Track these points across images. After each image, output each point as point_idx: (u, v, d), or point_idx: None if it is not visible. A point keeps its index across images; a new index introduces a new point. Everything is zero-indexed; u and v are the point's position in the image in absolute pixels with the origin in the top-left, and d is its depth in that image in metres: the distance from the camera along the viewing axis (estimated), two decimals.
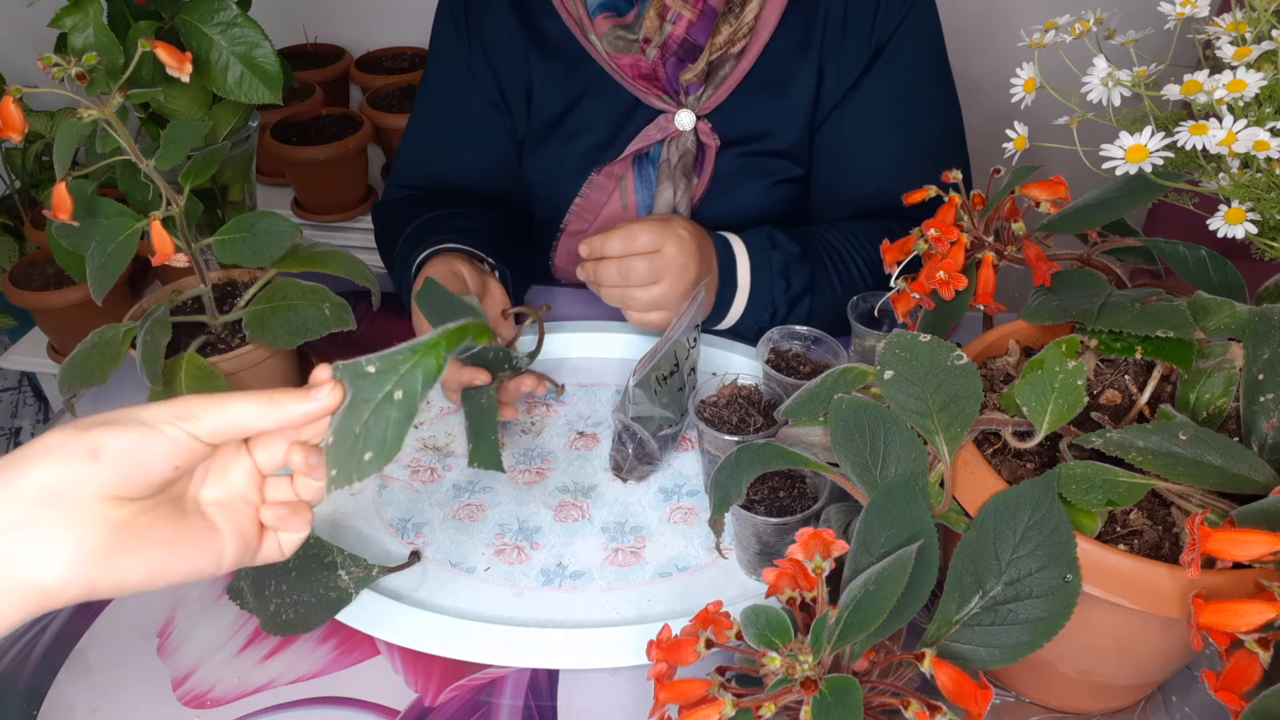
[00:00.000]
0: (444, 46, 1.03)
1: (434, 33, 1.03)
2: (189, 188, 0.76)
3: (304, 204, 1.61)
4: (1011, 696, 0.62)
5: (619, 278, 0.82)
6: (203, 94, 0.86)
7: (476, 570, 0.72)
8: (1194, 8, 0.57)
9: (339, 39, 1.87)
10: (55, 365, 1.46)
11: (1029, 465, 0.58)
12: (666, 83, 0.94)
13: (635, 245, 0.81)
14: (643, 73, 0.94)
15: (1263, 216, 0.52)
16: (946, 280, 0.63)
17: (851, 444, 0.56)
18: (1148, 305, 0.55)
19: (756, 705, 0.44)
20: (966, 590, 0.50)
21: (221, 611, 0.70)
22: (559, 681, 0.65)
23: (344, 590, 0.67)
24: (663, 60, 0.92)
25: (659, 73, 0.93)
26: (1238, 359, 0.55)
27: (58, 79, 0.69)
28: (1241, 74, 0.51)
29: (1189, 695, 0.63)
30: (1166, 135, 0.53)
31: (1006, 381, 0.61)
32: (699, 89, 0.94)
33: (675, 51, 0.92)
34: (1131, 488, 0.51)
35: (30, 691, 0.65)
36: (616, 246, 0.81)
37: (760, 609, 0.47)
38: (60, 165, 0.70)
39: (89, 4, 0.78)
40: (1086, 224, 0.62)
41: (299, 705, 0.64)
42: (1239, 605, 0.44)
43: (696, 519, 0.77)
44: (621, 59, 0.93)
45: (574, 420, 0.87)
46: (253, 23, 0.83)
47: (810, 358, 0.81)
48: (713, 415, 0.75)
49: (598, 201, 1.00)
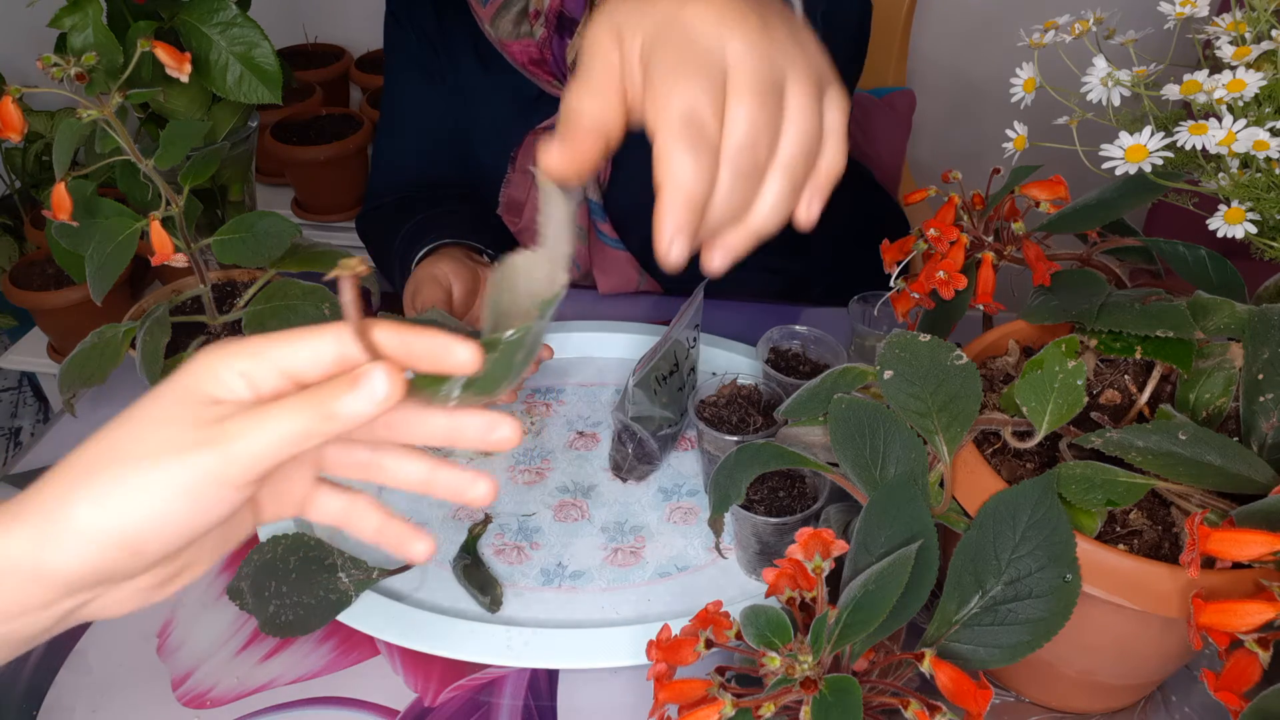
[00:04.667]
0: (393, 47, 1.04)
1: (385, 38, 1.05)
2: (188, 188, 0.76)
3: (304, 204, 1.61)
4: (1011, 696, 0.62)
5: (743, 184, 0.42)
6: (202, 94, 0.86)
7: None
8: (1194, 8, 0.57)
9: (339, 39, 1.87)
10: (55, 365, 1.46)
11: (1029, 465, 0.58)
12: (554, 65, 0.94)
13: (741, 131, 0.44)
14: (533, 58, 0.93)
15: (1262, 216, 0.52)
16: (946, 280, 0.63)
17: (851, 444, 0.56)
18: (1147, 305, 0.55)
19: (756, 705, 0.44)
20: (966, 590, 0.50)
21: (221, 612, 0.70)
22: (559, 681, 0.65)
23: (344, 593, 0.67)
24: (548, 39, 0.92)
25: (546, 55, 0.93)
26: (1237, 359, 0.55)
27: (57, 79, 0.69)
28: (1241, 74, 0.51)
29: (1189, 695, 0.62)
30: (1166, 135, 0.53)
31: (1006, 381, 0.61)
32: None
33: (555, 25, 0.91)
34: (1131, 488, 0.51)
35: (30, 691, 0.65)
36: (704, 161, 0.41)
37: (760, 609, 0.47)
38: (60, 165, 0.70)
39: (88, 4, 0.78)
40: (1086, 224, 0.62)
41: (299, 705, 0.64)
42: (1238, 605, 0.44)
43: (696, 519, 0.77)
44: (513, 45, 0.93)
45: (574, 420, 0.87)
46: (252, 23, 0.83)
47: (810, 357, 0.81)
48: (712, 415, 0.75)
49: (517, 199, 1.00)
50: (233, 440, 0.36)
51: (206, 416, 0.37)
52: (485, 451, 0.83)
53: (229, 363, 0.38)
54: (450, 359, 0.39)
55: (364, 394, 0.37)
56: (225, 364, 0.38)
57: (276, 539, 0.69)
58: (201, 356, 0.39)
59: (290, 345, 0.39)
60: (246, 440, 0.36)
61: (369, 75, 1.74)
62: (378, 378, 0.37)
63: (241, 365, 0.38)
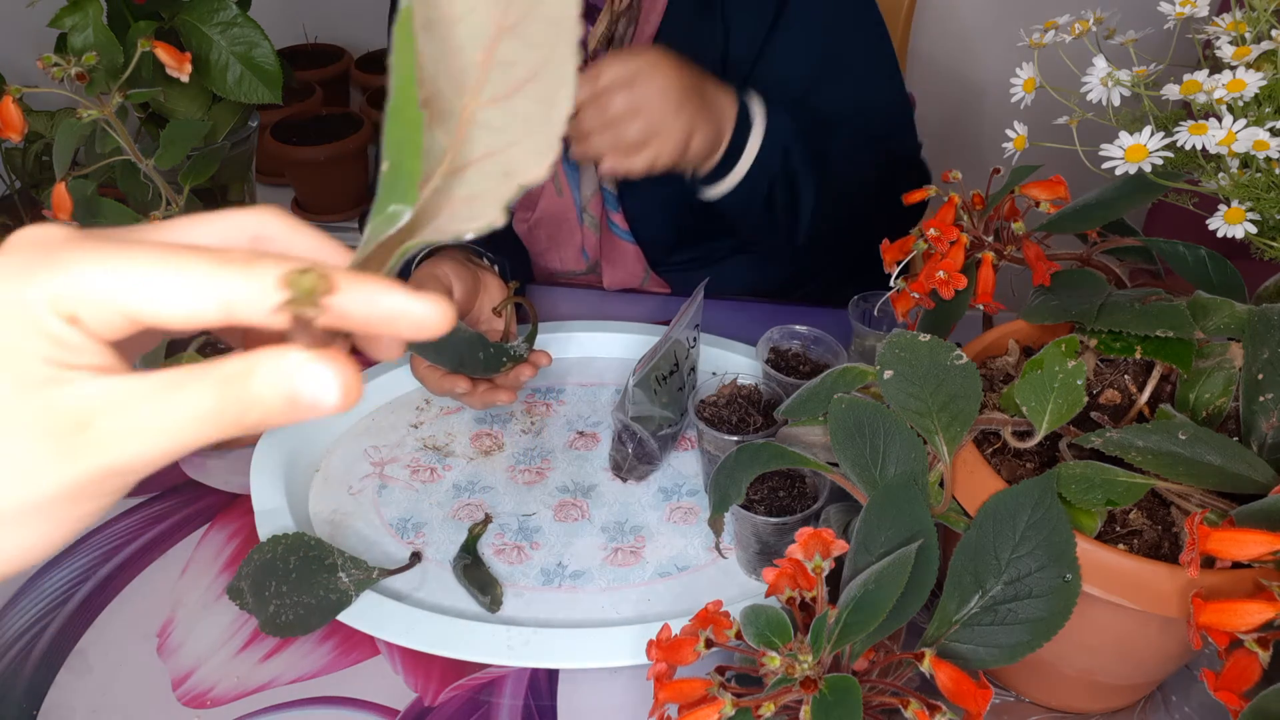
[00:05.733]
0: None
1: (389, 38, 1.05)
2: (188, 187, 0.76)
3: (304, 204, 1.61)
4: (1011, 696, 0.62)
5: (599, 117, 0.76)
6: (202, 94, 0.86)
7: None
8: (1194, 7, 0.57)
9: (339, 39, 1.87)
10: None
11: (1029, 465, 0.58)
12: None
13: (603, 81, 0.76)
14: None
15: (1262, 216, 0.52)
16: (946, 280, 0.63)
17: (851, 444, 0.56)
18: (1147, 305, 0.55)
19: (756, 705, 0.44)
20: (966, 590, 0.50)
21: (221, 612, 0.70)
22: (559, 681, 0.65)
23: (344, 592, 0.67)
24: None
25: None
26: (1237, 359, 0.55)
27: (58, 79, 0.69)
28: (1241, 74, 0.51)
29: (1189, 695, 0.62)
30: (1166, 135, 0.53)
31: (1006, 381, 0.61)
32: (604, 55, 0.93)
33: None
34: (1131, 487, 0.51)
35: (30, 691, 0.65)
36: (585, 91, 0.75)
37: (760, 609, 0.47)
38: (60, 165, 0.70)
39: (89, 4, 0.78)
40: (1086, 224, 0.62)
41: (299, 705, 0.64)
42: (1238, 605, 0.44)
43: (696, 519, 0.77)
44: None
45: (574, 420, 0.87)
46: (252, 22, 0.83)
47: (810, 357, 0.81)
48: (712, 415, 0.75)
49: (533, 192, 1.00)
50: (110, 457, 0.26)
51: (56, 412, 0.26)
52: (485, 451, 0.83)
53: (47, 296, 0.26)
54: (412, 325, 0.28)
55: (306, 403, 0.26)
56: (42, 301, 0.26)
57: (276, 539, 0.69)
58: (4, 281, 0.26)
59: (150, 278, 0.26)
60: (130, 456, 0.26)
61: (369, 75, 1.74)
62: (326, 385, 0.26)
63: (67, 302, 0.26)
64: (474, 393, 0.80)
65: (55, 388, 0.26)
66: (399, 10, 0.26)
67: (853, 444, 0.56)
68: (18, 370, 0.26)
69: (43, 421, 0.26)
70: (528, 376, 0.83)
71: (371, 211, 0.27)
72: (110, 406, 0.26)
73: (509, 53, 0.27)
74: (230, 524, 0.77)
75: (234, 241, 0.30)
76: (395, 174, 0.26)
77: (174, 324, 0.26)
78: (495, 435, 0.85)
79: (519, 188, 0.28)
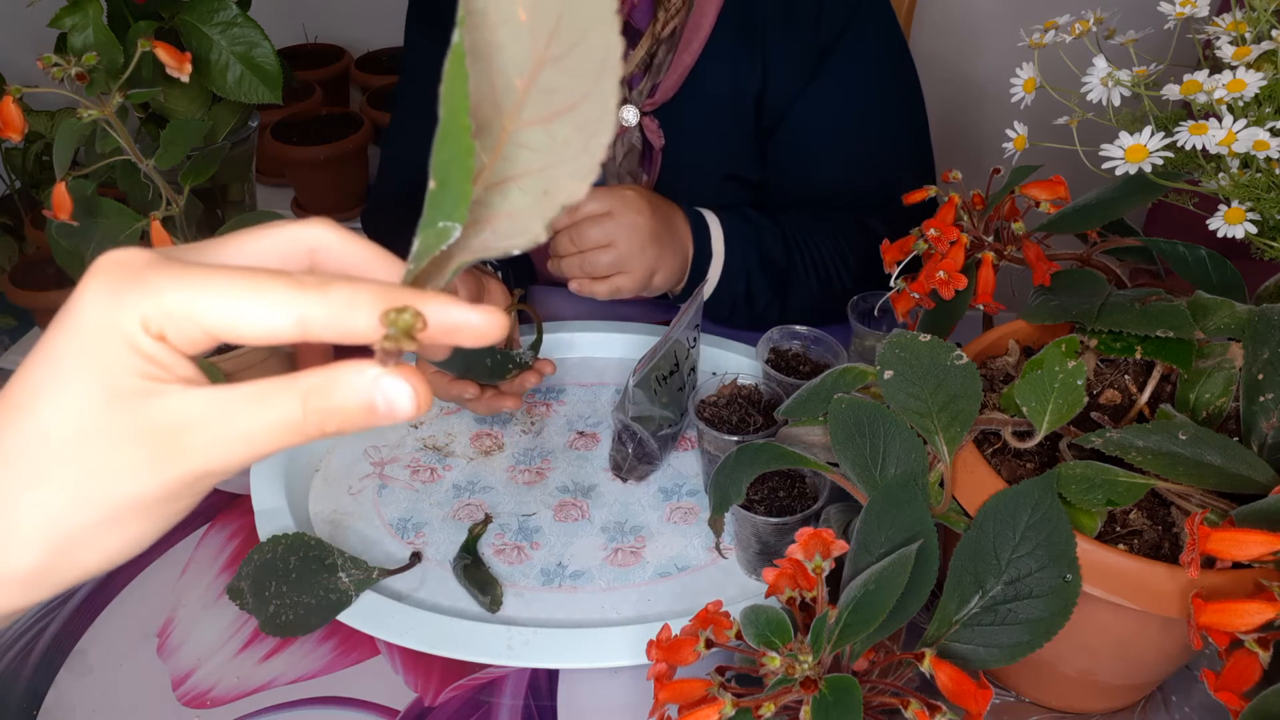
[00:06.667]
0: (414, 48, 1.04)
1: (406, 39, 1.05)
2: (189, 187, 0.76)
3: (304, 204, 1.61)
4: (1011, 696, 0.62)
5: (572, 245, 0.83)
6: (203, 94, 0.86)
7: None
8: (1194, 8, 0.57)
9: (339, 39, 1.87)
10: None
11: (1029, 465, 0.58)
12: None
13: (582, 211, 0.82)
14: None
15: (1262, 216, 0.52)
16: (946, 280, 0.63)
17: (851, 444, 0.56)
18: (1147, 305, 0.55)
19: (756, 705, 0.44)
20: (966, 590, 0.50)
21: (221, 611, 0.70)
22: (559, 681, 0.65)
23: (344, 592, 0.67)
24: None
25: None
26: (1237, 359, 0.55)
27: (58, 79, 0.69)
28: (1241, 74, 0.51)
29: (1189, 695, 0.62)
30: (1166, 135, 0.53)
31: (1006, 381, 0.61)
32: (641, 80, 0.93)
33: None
34: (1131, 488, 0.51)
35: (30, 691, 0.65)
36: (564, 219, 0.83)
37: (760, 609, 0.47)
38: (60, 165, 0.70)
39: (89, 4, 0.78)
40: (1086, 224, 0.62)
41: (299, 705, 0.64)
42: (1238, 605, 0.44)
43: (696, 519, 0.77)
44: None
45: (574, 420, 0.87)
46: (252, 22, 0.83)
47: (810, 357, 0.81)
48: (713, 415, 0.74)
49: None
50: (202, 463, 0.29)
51: (153, 423, 0.28)
52: (485, 451, 0.83)
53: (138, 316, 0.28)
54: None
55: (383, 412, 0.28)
56: (134, 321, 0.28)
57: (277, 539, 0.69)
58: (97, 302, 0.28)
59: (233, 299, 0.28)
60: (220, 462, 0.29)
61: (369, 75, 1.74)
62: (401, 396, 0.28)
63: (157, 322, 0.28)
64: (480, 398, 0.80)
65: (150, 400, 0.28)
66: (452, 44, 0.26)
67: (853, 444, 0.56)
68: (115, 385, 0.28)
69: (141, 432, 0.28)
70: (532, 383, 0.83)
71: (419, 228, 0.28)
72: (203, 417, 0.28)
73: (550, 81, 0.28)
74: (230, 524, 0.77)
75: (293, 255, 0.32)
76: (443, 193, 0.27)
77: (253, 340, 0.28)
78: (495, 435, 0.85)
79: (560, 206, 0.29)
